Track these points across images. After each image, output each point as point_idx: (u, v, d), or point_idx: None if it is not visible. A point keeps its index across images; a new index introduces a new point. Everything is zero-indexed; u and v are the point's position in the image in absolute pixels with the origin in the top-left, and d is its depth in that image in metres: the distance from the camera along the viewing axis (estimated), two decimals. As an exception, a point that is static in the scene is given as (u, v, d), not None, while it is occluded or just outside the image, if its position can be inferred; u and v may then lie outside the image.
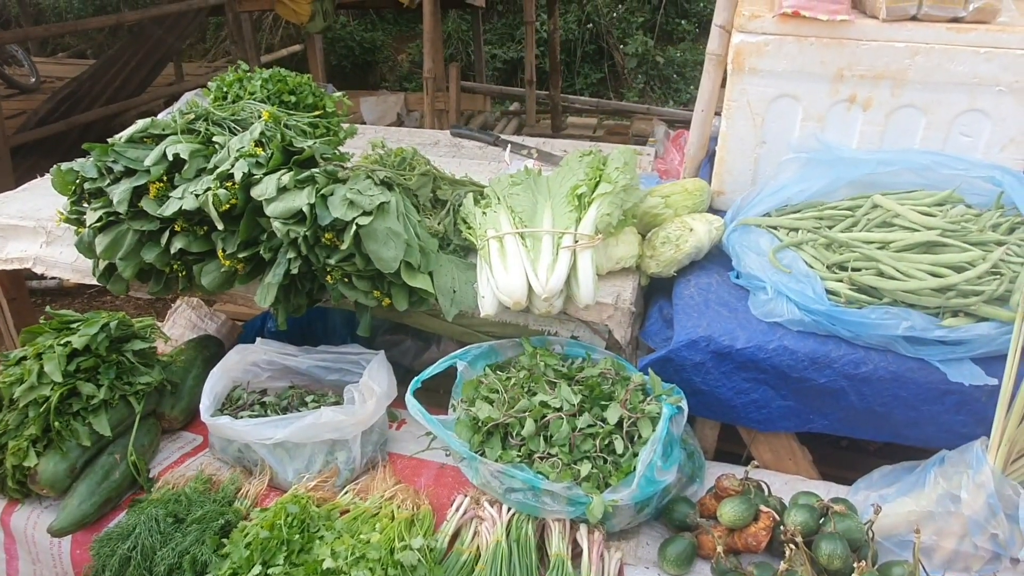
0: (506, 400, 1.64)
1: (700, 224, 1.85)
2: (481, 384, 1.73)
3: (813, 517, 1.50)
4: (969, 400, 1.53)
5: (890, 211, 1.67)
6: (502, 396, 1.66)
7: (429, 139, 2.92)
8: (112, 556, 1.47)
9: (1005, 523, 1.43)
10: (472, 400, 1.70)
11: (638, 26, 9.97)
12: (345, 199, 1.68)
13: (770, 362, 1.60)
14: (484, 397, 1.68)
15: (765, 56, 1.84)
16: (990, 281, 1.50)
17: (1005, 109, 1.74)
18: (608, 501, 1.42)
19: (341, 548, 1.37)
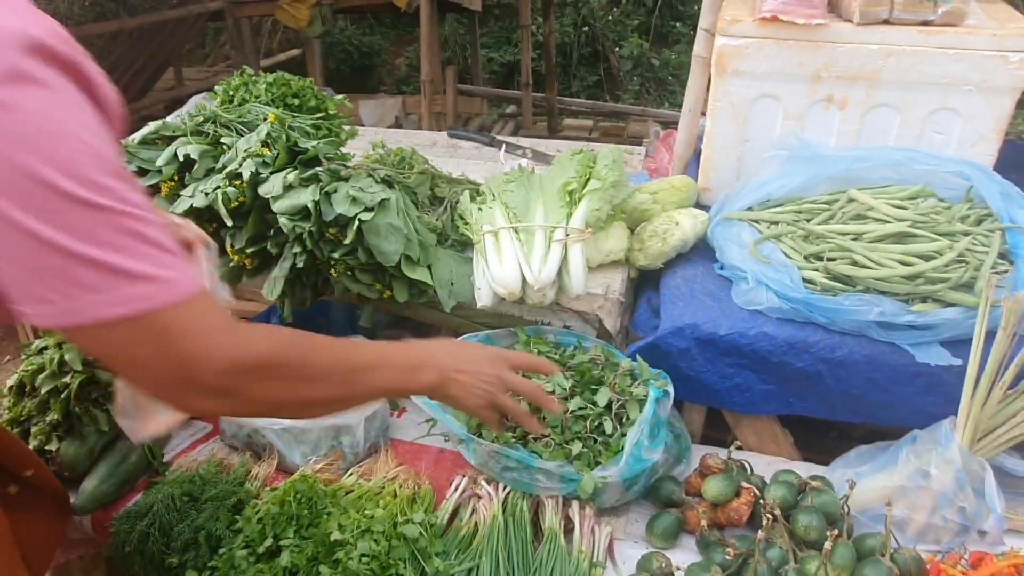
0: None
1: (686, 218, 1.95)
2: None
3: (792, 493, 1.59)
4: (938, 382, 1.62)
5: (864, 204, 1.76)
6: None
7: (427, 140, 3.01)
8: (131, 532, 1.55)
9: (972, 497, 1.52)
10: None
11: (633, 29, 10.09)
12: (348, 196, 1.78)
13: (751, 348, 1.70)
14: None
15: (746, 58, 1.94)
16: (956, 269, 1.60)
17: (974, 108, 1.84)
18: (598, 478, 1.51)
19: (347, 522, 1.46)
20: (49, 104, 0.79)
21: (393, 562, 1.40)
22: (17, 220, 0.77)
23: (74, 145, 0.80)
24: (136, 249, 0.83)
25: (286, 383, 0.98)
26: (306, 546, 1.43)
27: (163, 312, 0.84)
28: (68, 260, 0.79)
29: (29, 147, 0.76)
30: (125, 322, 0.83)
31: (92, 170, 0.80)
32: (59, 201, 0.78)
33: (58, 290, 0.80)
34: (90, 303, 0.81)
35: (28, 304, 0.81)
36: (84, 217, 0.79)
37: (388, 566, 1.39)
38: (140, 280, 0.83)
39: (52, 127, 0.78)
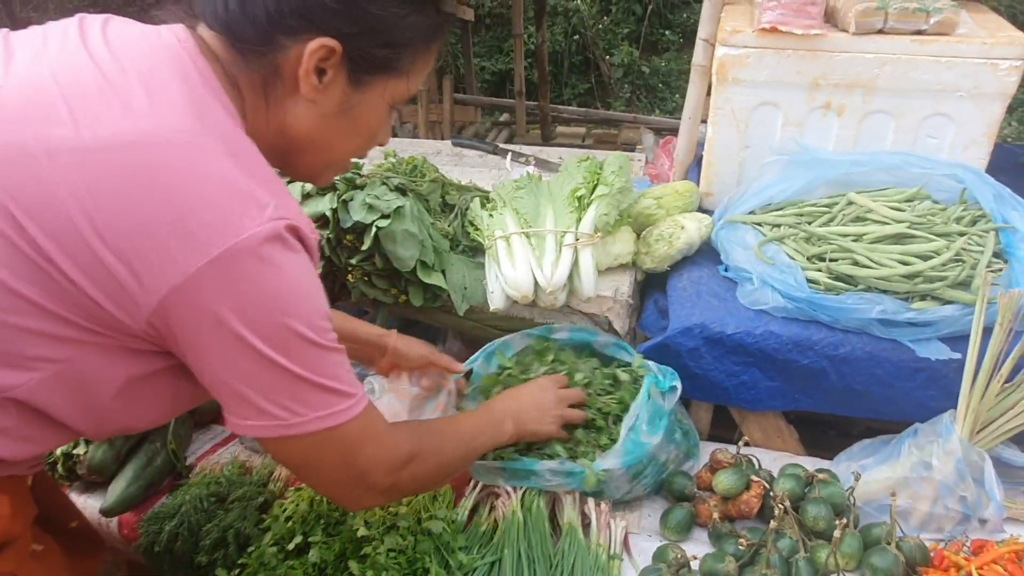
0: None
1: (691, 222, 2.01)
2: (499, 379, 1.85)
3: (799, 485, 1.65)
4: (938, 376, 1.69)
5: (863, 207, 1.83)
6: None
7: (431, 149, 3.07)
8: (160, 533, 1.60)
9: (972, 486, 1.59)
10: (488, 393, 1.83)
11: (623, 37, 10.19)
12: (364, 203, 1.83)
13: (757, 346, 1.76)
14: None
15: (747, 67, 2.01)
16: (953, 267, 1.67)
17: (966, 113, 1.91)
18: (600, 470, 1.57)
19: (373, 520, 1.51)
20: (299, 267, 0.97)
21: (419, 556, 1.44)
22: (265, 352, 0.94)
23: (309, 301, 0.99)
24: (341, 376, 1.03)
25: (428, 468, 1.24)
26: (334, 543, 1.47)
27: (350, 424, 1.04)
28: (299, 383, 0.98)
29: (285, 302, 0.95)
30: (324, 433, 1.02)
31: (319, 320, 0.99)
32: (299, 342, 0.96)
33: (284, 407, 0.98)
34: (308, 418, 0.99)
35: (244, 416, 0.98)
36: (314, 354, 0.98)
37: (414, 560, 1.44)
38: (344, 398, 1.03)
39: (301, 287, 0.97)
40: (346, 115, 1.04)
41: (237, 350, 0.93)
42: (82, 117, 0.89)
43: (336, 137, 1.07)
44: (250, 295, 0.92)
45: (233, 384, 0.96)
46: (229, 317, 0.91)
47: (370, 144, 1.14)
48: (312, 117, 1.03)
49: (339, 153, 1.11)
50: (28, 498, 1.14)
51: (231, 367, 0.95)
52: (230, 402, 0.98)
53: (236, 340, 0.92)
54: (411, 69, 1.07)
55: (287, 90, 1.01)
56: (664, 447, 1.67)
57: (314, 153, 1.09)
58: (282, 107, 1.02)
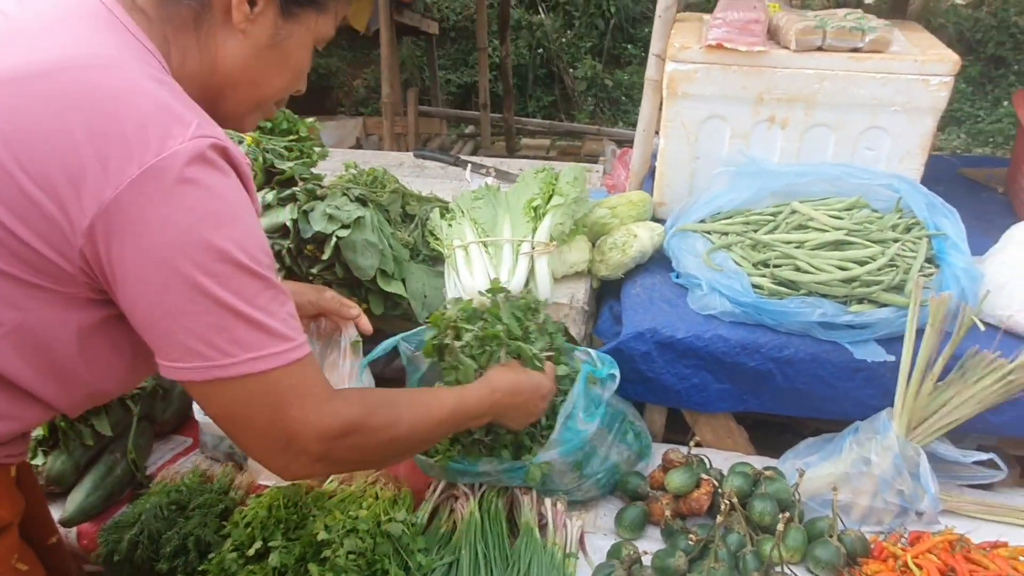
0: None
1: (643, 231, 2.08)
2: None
3: (747, 482, 1.72)
4: (876, 376, 1.77)
5: (806, 215, 1.91)
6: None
7: (394, 160, 3.11)
8: (120, 542, 1.60)
9: (909, 480, 1.67)
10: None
11: (586, 51, 10.34)
12: (325, 214, 1.87)
13: (707, 350, 1.82)
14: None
15: (695, 82, 2.09)
16: (888, 272, 1.76)
17: (901, 127, 2.01)
18: (538, 462, 1.60)
19: (333, 523, 1.53)
20: (228, 188, 0.94)
21: (378, 558, 1.47)
22: (192, 279, 0.89)
23: (242, 223, 0.95)
24: (278, 314, 0.97)
25: (375, 443, 1.12)
26: (294, 547, 1.50)
27: (282, 372, 0.97)
28: (229, 317, 0.92)
29: (213, 222, 0.91)
30: (254, 379, 0.95)
31: (254, 247, 0.95)
32: (230, 268, 0.92)
33: (213, 345, 0.92)
34: (238, 359, 0.93)
35: (172, 357, 0.93)
36: (247, 282, 0.93)
37: (374, 562, 1.47)
38: (279, 340, 0.96)
39: (230, 208, 0.93)
40: (277, 48, 1.07)
41: (162, 277, 0.89)
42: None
43: (267, 71, 1.08)
44: (176, 215, 0.88)
45: (160, 319, 0.92)
46: (153, 240, 0.88)
47: (297, 83, 1.16)
48: (244, 49, 1.05)
49: (269, 90, 1.12)
50: (13, 487, 1.13)
51: (157, 299, 0.91)
52: (158, 341, 0.94)
53: (161, 265, 0.89)
54: (334, 7, 1.11)
55: (218, 23, 1.03)
56: (612, 442, 1.72)
57: (244, 89, 1.09)
58: (214, 42, 1.04)
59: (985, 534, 1.65)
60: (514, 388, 1.48)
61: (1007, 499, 1.79)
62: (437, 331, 1.67)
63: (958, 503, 1.74)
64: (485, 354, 1.60)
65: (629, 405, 1.94)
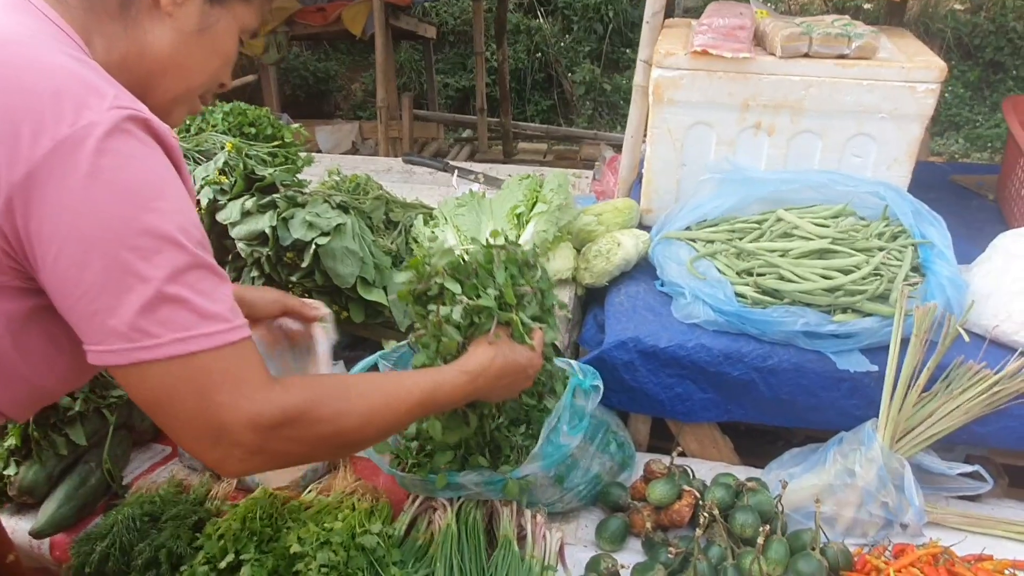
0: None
1: (628, 239, 2.06)
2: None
3: (730, 494, 1.69)
4: (860, 386, 1.75)
5: (790, 223, 1.89)
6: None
7: (383, 166, 3.10)
8: (92, 553, 1.58)
9: (893, 492, 1.64)
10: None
11: (585, 55, 10.33)
12: (305, 221, 1.85)
13: (690, 359, 1.80)
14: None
15: (681, 89, 2.07)
16: (872, 281, 1.73)
17: (888, 133, 1.99)
18: (518, 477, 1.56)
19: (307, 535, 1.51)
20: (150, 160, 0.89)
21: (351, 571, 1.45)
22: (119, 256, 0.85)
23: (168, 196, 0.90)
24: (210, 293, 0.91)
25: (315, 435, 1.00)
26: (267, 560, 1.47)
27: (211, 355, 0.90)
28: (155, 295, 0.86)
29: (134, 195, 0.86)
30: (180, 361, 0.88)
31: (183, 221, 0.90)
32: (156, 242, 0.86)
33: (137, 326, 0.86)
34: (163, 339, 0.87)
35: (97, 340, 0.87)
36: (175, 258, 0.87)
37: (347, 575, 1.45)
38: (209, 320, 0.90)
39: (152, 180, 0.89)
40: (204, 35, 1.06)
41: (82, 254, 0.85)
42: None
43: (194, 58, 1.07)
44: (94, 188, 0.84)
45: (81, 299, 0.87)
46: (71, 216, 0.84)
47: (224, 72, 1.14)
48: (171, 35, 1.03)
49: (197, 78, 1.10)
50: None
51: (78, 277, 0.86)
52: (80, 324, 0.89)
53: (80, 242, 0.85)
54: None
55: (145, 8, 1.02)
56: (594, 453, 1.70)
57: (172, 76, 1.07)
58: (141, 27, 1.02)
59: (971, 546, 1.62)
60: (499, 371, 1.32)
61: (994, 511, 1.76)
62: (415, 277, 1.44)
63: (944, 515, 1.71)
64: (473, 326, 1.39)
65: (613, 415, 1.92)
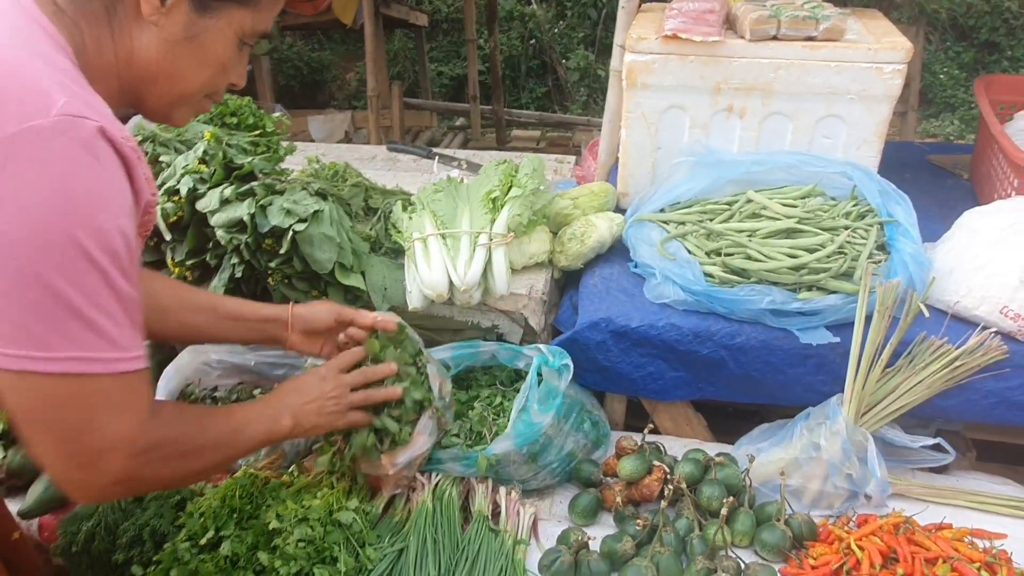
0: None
1: (602, 221, 2.09)
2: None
3: (699, 468, 1.74)
4: (826, 362, 1.79)
5: (759, 204, 1.93)
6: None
7: (367, 154, 3.12)
8: (78, 533, 1.63)
9: (857, 465, 1.68)
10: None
11: (579, 41, 10.31)
12: (282, 208, 1.88)
13: (660, 338, 1.84)
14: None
15: (653, 73, 2.10)
16: (836, 259, 1.77)
17: (857, 115, 2.02)
18: (489, 455, 1.64)
19: (285, 512, 1.56)
20: (94, 172, 0.90)
21: (328, 546, 1.50)
22: (34, 265, 0.86)
23: (105, 214, 0.90)
24: (117, 319, 0.92)
25: (178, 459, 1.08)
26: (246, 536, 1.52)
27: (108, 379, 0.92)
28: (62, 309, 0.87)
29: (65, 205, 0.87)
30: (74, 380, 0.90)
31: (112, 241, 0.90)
32: (77, 259, 0.87)
33: (35, 335, 0.87)
34: (60, 355, 0.88)
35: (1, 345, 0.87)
36: (91, 279, 0.89)
37: (323, 549, 1.49)
38: (112, 347, 0.91)
39: (91, 193, 0.89)
40: (192, 42, 1.06)
41: (1, 254, 0.85)
42: None
43: (184, 65, 1.07)
44: (24, 192, 0.85)
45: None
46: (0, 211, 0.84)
47: (221, 79, 1.15)
48: (158, 43, 1.04)
49: (189, 85, 1.10)
50: None
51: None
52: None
53: (0, 240, 0.85)
54: (259, 2, 1.10)
55: (130, 16, 1.02)
56: (568, 432, 1.74)
57: (163, 83, 1.08)
58: (128, 35, 1.03)
59: (933, 517, 1.67)
60: (297, 382, 1.48)
61: (957, 482, 1.81)
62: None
63: (908, 487, 1.76)
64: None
65: (588, 394, 1.97)
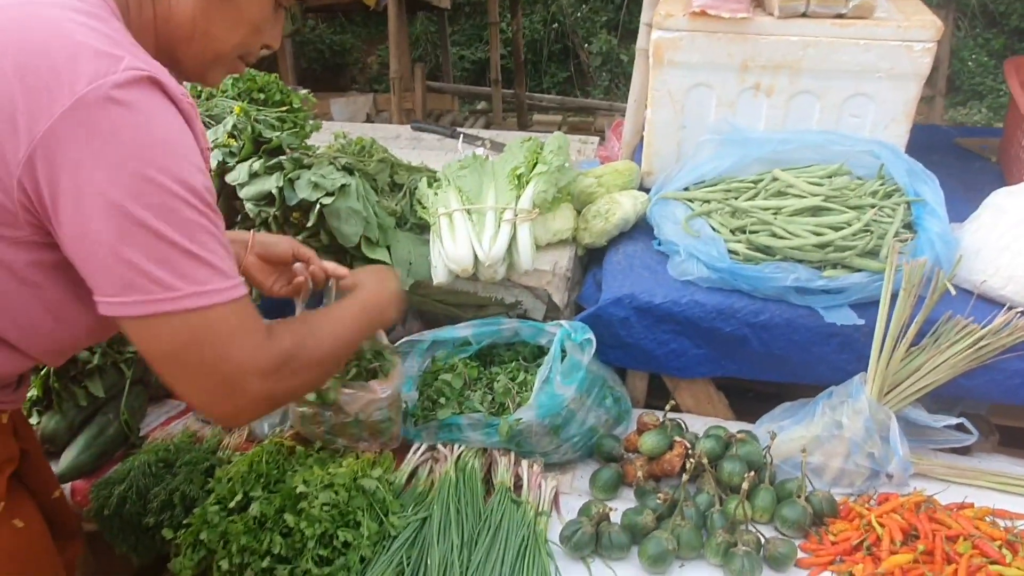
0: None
1: (626, 199, 2.10)
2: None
3: (719, 444, 1.75)
4: (850, 341, 1.78)
5: (785, 182, 1.92)
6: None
7: (391, 133, 3.14)
8: (110, 497, 1.67)
9: (879, 443, 1.68)
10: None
11: (602, 25, 10.24)
12: (310, 182, 1.90)
13: (684, 315, 1.85)
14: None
15: (680, 50, 2.09)
16: (862, 237, 1.76)
17: (885, 93, 2.00)
18: (511, 421, 1.66)
19: (311, 478, 1.59)
20: (165, 119, 0.94)
21: (352, 510, 1.53)
22: (129, 210, 0.89)
23: (182, 156, 0.95)
24: (219, 252, 0.97)
25: (307, 367, 1.10)
26: (274, 499, 1.55)
27: (226, 308, 0.96)
28: (171, 250, 0.91)
29: (150, 153, 0.91)
30: (198, 314, 0.94)
31: (195, 181, 0.95)
32: (170, 199, 0.92)
33: (153, 278, 0.91)
34: (181, 292, 0.92)
35: (110, 292, 0.92)
36: (188, 217, 0.93)
37: (347, 514, 1.52)
38: (222, 276, 0.96)
39: (168, 139, 0.93)
40: (229, 2, 1.09)
41: (100, 208, 0.89)
42: None
43: (219, 25, 1.10)
44: (111, 146, 0.89)
45: (97, 251, 0.91)
46: (89, 171, 0.88)
47: (255, 39, 1.17)
48: (193, 2, 1.07)
49: (224, 44, 1.13)
50: (6, 433, 1.18)
51: (95, 230, 0.90)
52: (95, 276, 0.93)
53: (98, 197, 0.89)
54: None
55: None
56: (590, 407, 1.75)
57: (199, 42, 1.11)
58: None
59: (955, 496, 1.67)
60: (382, 278, 1.52)
61: (981, 463, 1.80)
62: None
63: (930, 466, 1.75)
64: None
65: (610, 371, 1.98)
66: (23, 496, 1.24)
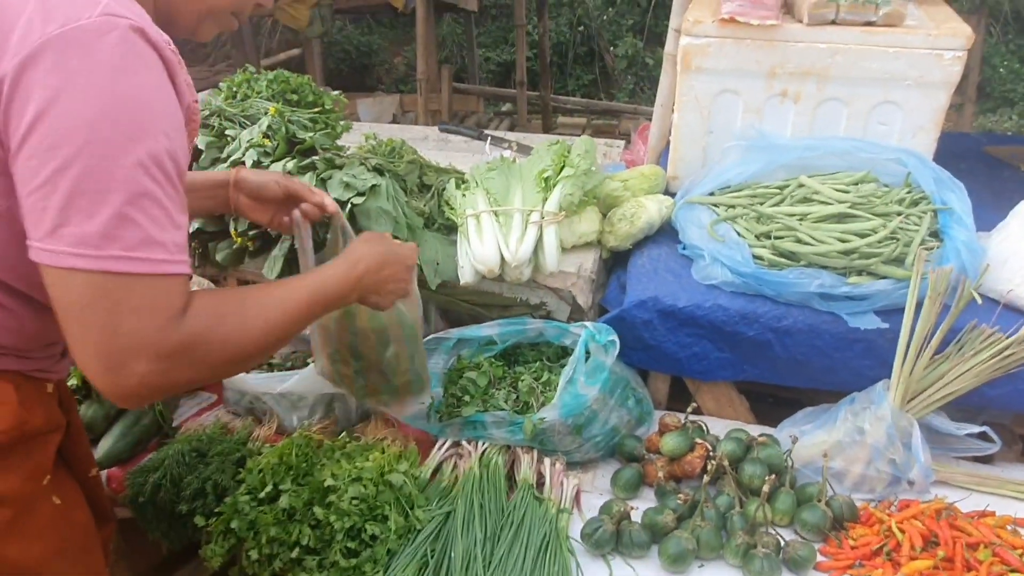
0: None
1: (652, 203, 2.12)
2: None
3: (741, 447, 1.76)
4: (874, 347, 1.79)
5: (811, 189, 1.93)
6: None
7: (419, 134, 3.18)
8: (145, 484, 1.73)
9: (901, 450, 1.69)
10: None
11: (628, 28, 10.24)
12: (342, 182, 1.95)
13: (707, 319, 1.86)
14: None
15: (708, 56, 2.11)
16: (888, 244, 1.77)
17: (913, 101, 2.01)
18: (536, 420, 1.69)
19: (340, 472, 1.63)
20: (135, 68, 0.93)
21: (379, 504, 1.57)
22: (77, 162, 0.88)
23: (150, 118, 0.94)
24: (162, 222, 0.94)
25: (216, 358, 1.01)
26: (303, 491, 1.60)
27: (149, 280, 0.93)
28: (107, 210, 0.90)
29: (111, 107, 0.90)
30: (113, 278, 0.91)
31: (161, 148, 0.94)
32: (122, 158, 0.90)
33: (83, 234, 0.89)
34: (107, 254, 0.90)
35: (41, 237, 0.90)
36: (135, 181, 0.91)
37: (375, 508, 1.56)
38: (158, 248, 0.93)
39: (139, 94, 0.93)
40: None
41: (47, 146, 0.89)
42: None
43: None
44: (72, 92, 0.88)
45: (37, 191, 0.90)
46: (53, 111, 0.88)
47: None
48: None
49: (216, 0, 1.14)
50: (50, 402, 1.20)
51: (43, 173, 0.89)
52: (32, 214, 0.91)
53: (48, 134, 0.89)
54: None
55: None
56: (612, 407, 1.78)
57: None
58: None
59: (976, 504, 1.67)
60: (380, 261, 1.34)
61: (1003, 472, 1.80)
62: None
63: (952, 474, 1.76)
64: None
65: (632, 372, 2.00)
66: (64, 473, 1.28)
